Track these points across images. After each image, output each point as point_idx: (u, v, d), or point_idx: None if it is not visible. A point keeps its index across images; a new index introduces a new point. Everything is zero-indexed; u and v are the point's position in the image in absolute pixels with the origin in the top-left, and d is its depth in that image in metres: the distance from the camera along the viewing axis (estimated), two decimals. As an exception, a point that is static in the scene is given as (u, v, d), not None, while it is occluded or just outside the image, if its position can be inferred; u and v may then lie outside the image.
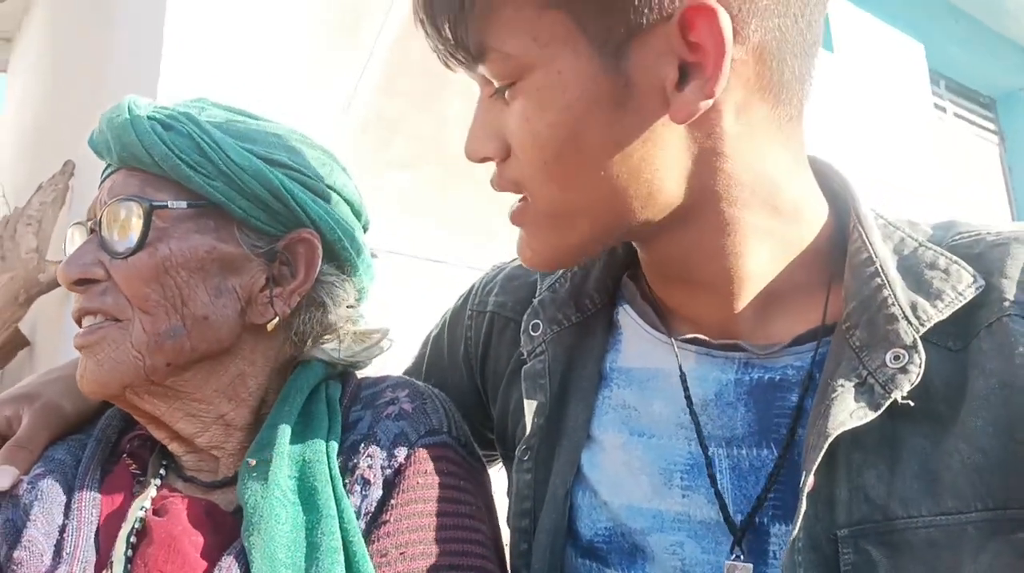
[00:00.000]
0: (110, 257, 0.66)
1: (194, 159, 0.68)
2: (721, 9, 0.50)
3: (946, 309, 0.55)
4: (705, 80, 0.52)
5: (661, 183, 0.56)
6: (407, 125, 2.00)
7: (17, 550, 0.63)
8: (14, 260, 2.19)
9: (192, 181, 0.67)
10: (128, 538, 0.65)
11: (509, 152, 0.58)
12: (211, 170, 0.68)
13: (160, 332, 0.66)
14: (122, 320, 0.66)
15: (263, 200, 0.70)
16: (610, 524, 0.64)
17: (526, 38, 0.53)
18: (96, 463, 0.70)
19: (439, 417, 0.71)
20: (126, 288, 0.66)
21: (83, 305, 0.67)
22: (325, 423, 0.70)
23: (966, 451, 0.52)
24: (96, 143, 0.71)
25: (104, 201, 0.68)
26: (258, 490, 0.64)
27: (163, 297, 0.66)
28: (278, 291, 0.71)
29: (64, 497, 0.67)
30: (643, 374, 0.67)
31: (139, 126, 0.67)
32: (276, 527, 0.62)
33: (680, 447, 0.63)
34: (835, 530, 0.53)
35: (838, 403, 0.54)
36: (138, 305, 0.66)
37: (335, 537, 0.61)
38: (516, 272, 0.80)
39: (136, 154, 0.67)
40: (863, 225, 0.60)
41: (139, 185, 0.68)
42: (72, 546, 0.64)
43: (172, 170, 0.67)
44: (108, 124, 0.69)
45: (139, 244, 0.66)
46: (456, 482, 0.69)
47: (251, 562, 0.60)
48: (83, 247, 0.68)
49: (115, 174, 0.70)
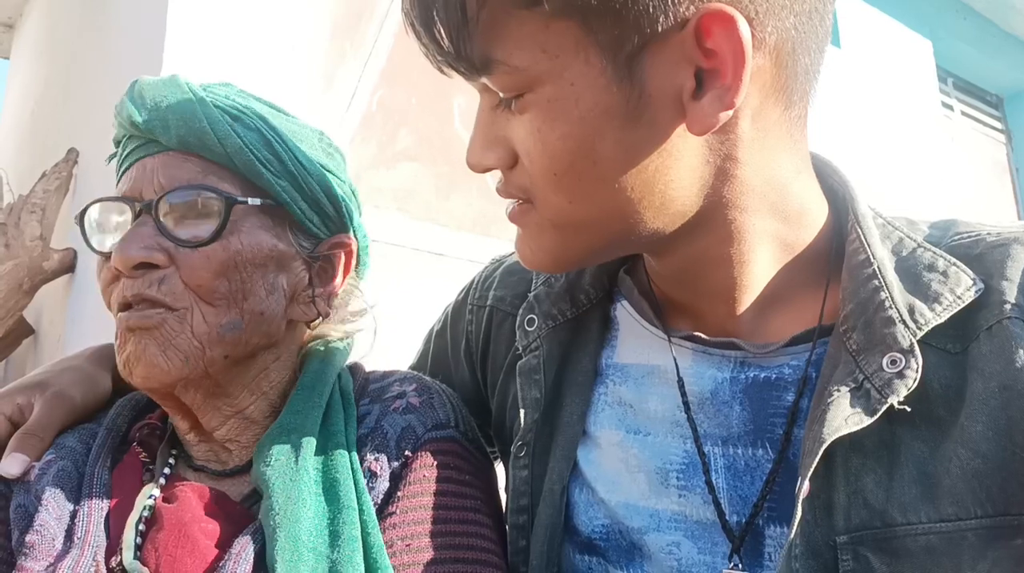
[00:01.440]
0: (175, 245, 0.65)
1: (264, 156, 0.68)
2: (740, 17, 0.48)
3: (944, 313, 0.54)
4: (724, 90, 0.50)
5: (675, 193, 0.55)
6: (410, 119, 1.99)
7: (29, 534, 0.63)
8: (18, 248, 2.19)
9: (262, 178, 0.68)
10: (137, 524, 0.65)
11: (515, 160, 0.57)
12: (279, 168, 0.69)
13: (222, 324, 0.66)
14: (177, 309, 0.65)
15: (319, 203, 0.72)
16: (607, 521, 0.64)
17: (534, 50, 0.51)
18: (107, 451, 0.70)
19: (446, 411, 0.71)
20: (192, 278, 0.65)
21: (140, 291, 0.64)
22: (342, 414, 0.70)
23: (965, 456, 0.51)
24: (148, 122, 0.67)
25: (162, 184, 0.66)
26: (285, 473, 0.64)
27: (228, 290, 0.66)
28: (320, 291, 0.73)
29: (75, 483, 0.68)
30: (639, 370, 0.67)
31: (210, 114, 0.66)
32: (302, 511, 0.62)
33: (676, 446, 0.63)
34: (834, 536, 0.53)
35: (834, 408, 0.53)
36: (203, 296, 0.65)
37: (355, 527, 0.62)
38: (515, 266, 0.79)
39: (205, 142, 0.66)
40: (861, 225, 0.59)
41: (201, 172, 0.66)
42: (83, 531, 0.64)
43: (244, 165, 0.67)
44: (166, 104, 0.67)
45: (214, 236, 0.65)
46: (462, 476, 0.69)
47: (274, 541, 0.60)
48: (139, 230, 0.65)
49: (163, 155, 0.67)
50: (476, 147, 0.58)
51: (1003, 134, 4.45)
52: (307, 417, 0.68)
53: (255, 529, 0.63)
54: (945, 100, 4.00)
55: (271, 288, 0.69)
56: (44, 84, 3.09)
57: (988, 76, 4.29)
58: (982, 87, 4.37)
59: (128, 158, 0.69)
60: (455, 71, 0.55)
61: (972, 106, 4.30)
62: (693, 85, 0.51)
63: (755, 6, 0.50)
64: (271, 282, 0.69)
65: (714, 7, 0.48)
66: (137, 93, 0.69)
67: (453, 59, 0.53)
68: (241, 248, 0.66)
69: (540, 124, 0.53)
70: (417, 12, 0.53)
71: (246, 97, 0.72)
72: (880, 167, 3.16)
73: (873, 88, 3.24)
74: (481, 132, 0.58)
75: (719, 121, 0.51)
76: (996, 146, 4.39)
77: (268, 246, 0.68)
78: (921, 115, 3.58)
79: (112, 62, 2.19)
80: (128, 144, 0.69)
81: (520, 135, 0.55)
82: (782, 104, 0.55)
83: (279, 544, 0.60)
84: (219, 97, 0.69)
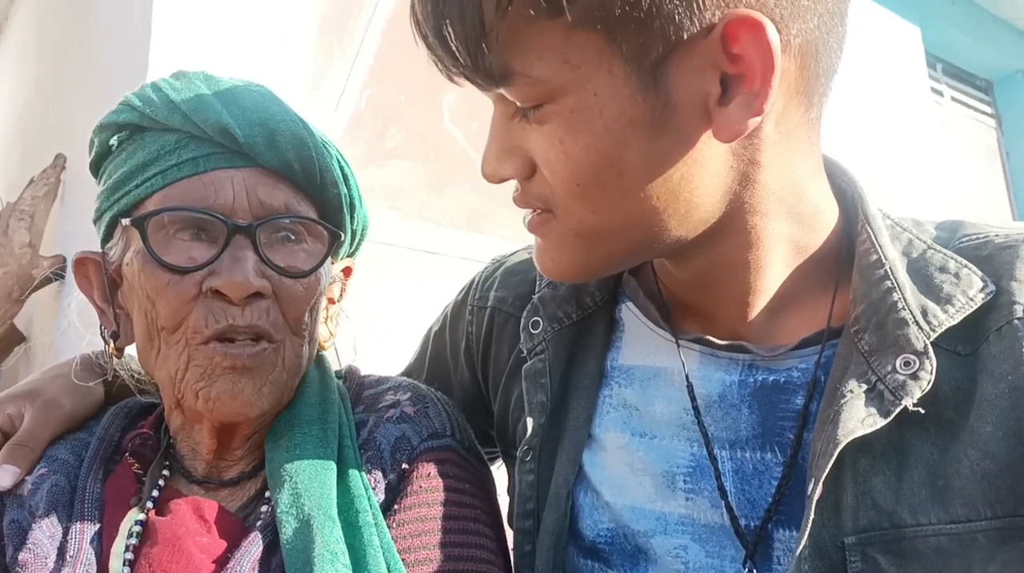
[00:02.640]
0: (278, 274, 0.63)
1: (344, 192, 0.69)
2: (768, 22, 0.47)
3: (957, 314, 0.54)
4: (752, 96, 0.49)
5: (699, 200, 0.54)
6: (400, 117, 1.98)
7: (23, 553, 0.62)
8: (7, 256, 2.17)
9: (341, 214, 0.70)
10: (124, 552, 0.63)
11: (533, 170, 0.56)
12: (348, 205, 0.71)
13: (302, 355, 0.66)
14: (275, 341, 0.63)
15: (356, 235, 0.74)
16: (612, 525, 0.64)
17: (556, 61, 0.49)
18: (99, 462, 0.69)
19: (441, 420, 0.70)
20: (292, 310, 0.63)
21: (253, 322, 0.61)
22: (341, 410, 0.70)
23: (975, 457, 0.51)
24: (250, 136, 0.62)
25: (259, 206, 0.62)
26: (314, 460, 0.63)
27: (312, 320, 0.66)
28: (331, 311, 0.75)
29: (68, 498, 0.67)
30: (645, 373, 0.66)
31: (315, 140, 0.66)
32: (332, 498, 0.62)
33: (682, 449, 0.62)
34: (842, 537, 0.52)
35: (847, 409, 0.53)
36: (295, 328, 0.64)
37: (368, 514, 0.62)
38: (516, 267, 0.79)
39: (308, 169, 0.65)
40: (872, 226, 0.59)
41: (295, 199, 0.65)
42: (75, 549, 0.63)
43: (333, 198, 0.68)
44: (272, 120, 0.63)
45: (315, 268, 0.64)
46: (460, 485, 0.68)
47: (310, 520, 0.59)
48: (245, 254, 0.61)
49: (250, 171, 0.63)
50: (492, 158, 0.57)
51: (993, 119, 4.45)
52: (327, 409, 0.68)
53: (256, 536, 0.62)
54: (935, 86, 4.00)
55: (319, 314, 0.70)
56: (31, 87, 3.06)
57: (977, 61, 4.29)
58: (972, 72, 4.37)
59: (193, 164, 0.63)
60: (470, 82, 0.54)
61: (962, 91, 4.30)
62: (719, 91, 0.50)
63: (780, 9, 0.49)
64: (321, 308, 0.70)
65: (741, 13, 0.47)
66: (222, 95, 0.64)
67: (469, 71, 0.52)
68: (320, 280, 0.67)
69: (562, 135, 0.52)
70: (431, 24, 0.51)
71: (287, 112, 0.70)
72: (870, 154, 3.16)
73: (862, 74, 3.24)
74: (497, 142, 0.57)
75: (748, 127, 0.50)
76: (986, 131, 4.40)
77: (329, 276, 0.70)
78: (911, 101, 3.58)
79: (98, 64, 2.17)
80: (191, 147, 0.63)
81: (539, 145, 0.54)
82: (803, 106, 0.55)
83: (317, 522, 0.59)
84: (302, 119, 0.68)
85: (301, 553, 0.58)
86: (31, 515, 0.65)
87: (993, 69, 4.41)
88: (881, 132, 3.32)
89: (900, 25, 3.62)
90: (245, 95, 0.65)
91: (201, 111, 0.62)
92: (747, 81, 0.49)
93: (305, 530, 0.59)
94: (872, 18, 3.40)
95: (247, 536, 0.63)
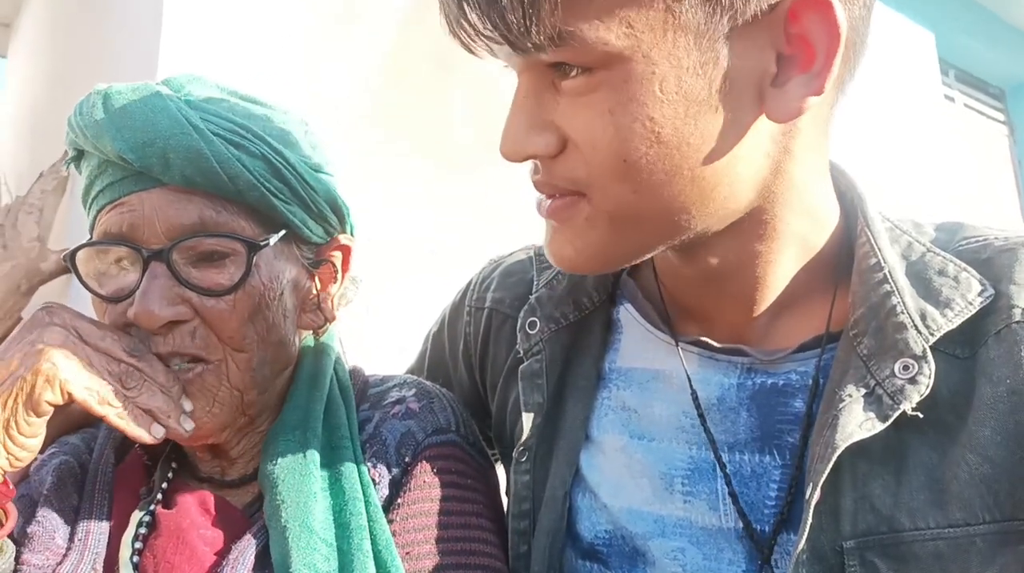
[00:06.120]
0: (199, 296, 0.61)
1: (275, 186, 0.64)
2: (836, 1, 0.47)
3: (956, 318, 0.53)
4: (812, 76, 0.49)
5: (738, 187, 0.53)
6: (407, 115, 1.98)
7: (31, 525, 0.63)
8: (15, 249, 2.18)
9: (275, 210, 0.64)
10: (133, 541, 0.64)
11: (562, 147, 0.52)
12: (289, 195, 0.66)
13: (254, 367, 0.64)
14: (211, 362, 0.62)
15: (325, 216, 0.69)
16: (610, 527, 0.63)
17: (618, 25, 0.47)
18: (110, 450, 0.70)
19: (446, 416, 0.70)
20: (221, 328, 0.62)
21: (176, 348, 0.61)
22: (343, 407, 0.69)
23: (974, 461, 0.51)
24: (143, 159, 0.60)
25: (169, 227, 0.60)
26: (293, 469, 0.63)
27: (255, 333, 0.63)
28: (324, 295, 0.72)
29: (78, 478, 0.68)
30: (643, 375, 0.66)
31: (216, 150, 0.61)
32: (313, 504, 0.61)
33: (681, 451, 0.62)
34: (841, 541, 0.52)
35: (846, 413, 0.52)
36: (233, 345, 0.63)
37: (362, 517, 0.61)
38: (513, 267, 0.78)
39: (215, 181, 0.61)
40: (871, 228, 0.58)
41: (211, 211, 0.61)
42: (84, 532, 0.64)
43: (257, 200, 0.63)
44: (160, 137, 0.60)
45: (238, 285, 0.61)
46: (463, 481, 0.68)
47: (285, 535, 0.59)
48: (158, 282, 0.60)
49: (160, 191, 0.61)
50: (517, 133, 0.53)
51: (1005, 126, 4.43)
52: (309, 412, 0.67)
53: (254, 533, 0.63)
54: (947, 92, 3.98)
55: (284, 312, 0.67)
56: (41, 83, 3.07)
57: (990, 68, 4.27)
58: (984, 79, 4.35)
59: (111, 190, 0.62)
60: (508, 45, 0.49)
61: (974, 98, 4.28)
62: (775, 70, 0.49)
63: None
64: (284, 307, 0.67)
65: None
66: (115, 117, 0.61)
67: (516, 33, 0.48)
68: (264, 289, 0.64)
69: (613, 105, 0.49)
70: None
71: (224, 101, 0.66)
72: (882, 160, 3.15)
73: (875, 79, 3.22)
74: (524, 117, 0.53)
75: (806, 108, 0.49)
76: (999, 138, 4.37)
77: (285, 275, 0.66)
78: (923, 107, 3.56)
79: (108, 60, 2.18)
80: (108, 172, 0.63)
81: (579, 119, 0.50)
82: (835, 98, 0.55)
83: (292, 534, 0.59)
84: (212, 119, 0.63)
85: (281, 565, 0.59)
86: (39, 490, 0.66)
87: (1006, 77, 4.38)
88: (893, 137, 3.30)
89: (914, 31, 3.60)
90: (137, 113, 0.61)
91: (99, 138, 0.61)
92: (803, 62, 0.49)
93: (283, 542, 0.59)
94: (886, 23, 3.38)
95: (249, 530, 0.63)
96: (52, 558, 0.62)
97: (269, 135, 0.65)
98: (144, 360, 0.60)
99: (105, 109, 0.62)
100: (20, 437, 0.56)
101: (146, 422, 0.59)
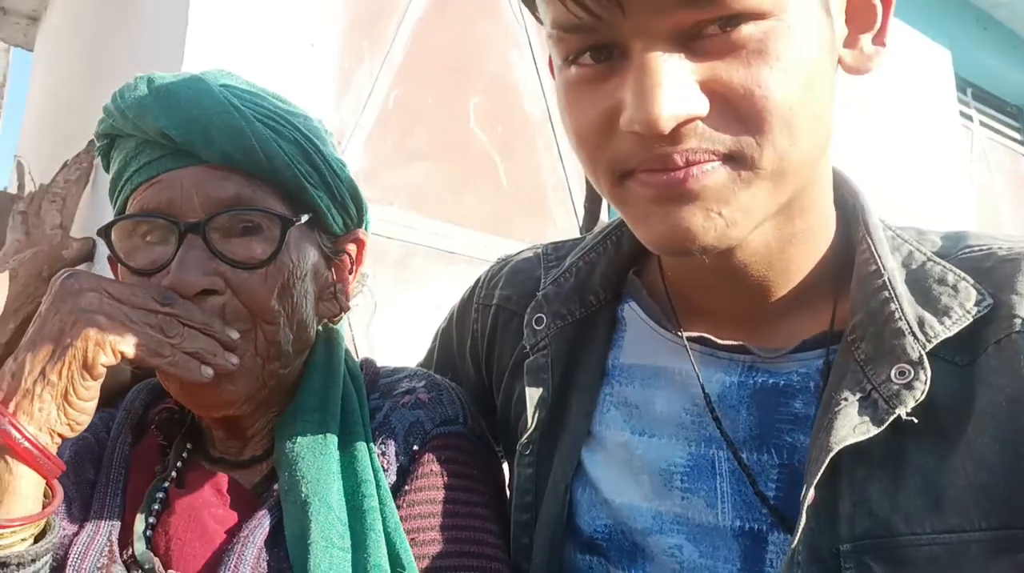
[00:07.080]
0: (231, 267, 0.64)
1: (306, 170, 0.68)
2: None
3: (953, 326, 0.54)
4: (874, 32, 0.54)
5: (827, 145, 0.56)
6: (426, 118, 2.00)
7: None
8: (38, 236, 2.22)
9: (306, 192, 0.68)
10: (147, 516, 0.66)
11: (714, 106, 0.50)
12: (318, 180, 0.70)
13: (279, 341, 0.67)
14: (241, 331, 0.65)
15: (347, 206, 0.73)
16: (610, 521, 0.65)
17: None
18: (127, 430, 0.72)
19: (455, 408, 0.72)
20: (252, 301, 0.64)
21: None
22: (354, 394, 0.71)
23: (971, 468, 0.51)
24: (186, 135, 0.63)
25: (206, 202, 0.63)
26: (313, 448, 0.65)
27: (282, 308, 0.66)
28: (340, 286, 0.74)
29: (94, 454, 0.70)
30: (646, 372, 0.67)
31: (255, 129, 0.65)
32: (332, 483, 0.63)
33: (680, 448, 0.63)
34: (838, 544, 0.53)
35: (841, 417, 0.53)
36: (264, 317, 0.65)
37: (374, 499, 0.63)
38: (521, 265, 0.80)
39: (253, 158, 0.65)
40: (872, 236, 0.59)
41: (248, 189, 0.65)
42: (100, 505, 0.66)
43: (290, 181, 0.67)
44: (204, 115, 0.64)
45: (271, 258, 0.65)
46: (469, 471, 0.70)
47: (306, 506, 0.61)
48: (194, 254, 0.63)
49: (199, 169, 0.65)
50: (670, 95, 0.48)
51: (1022, 145, 4.40)
52: (327, 396, 0.69)
53: (264, 511, 0.64)
54: (964, 110, 3.96)
55: (307, 295, 0.69)
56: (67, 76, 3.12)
57: (1008, 87, 4.24)
58: (1002, 98, 4.32)
59: (149, 168, 0.66)
60: None
61: (992, 117, 4.25)
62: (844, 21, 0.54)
63: None
64: (307, 290, 0.69)
65: None
66: (160, 97, 0.65)
67: None
68: (293, 266, 0.67)
69: (783, 52, 0.49)
70: None
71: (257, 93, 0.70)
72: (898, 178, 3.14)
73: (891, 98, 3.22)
74: (672, 79, 0.49)
75: (874, 65, 0.54)
76: (1015, 157, 4.34)
77: (312, 259, 0.70)
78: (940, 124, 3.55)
79: (134, 55, 2.22)
80: (146, 151, 0.66)
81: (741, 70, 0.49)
82: None
83: (312, 509, 0.61)
84: (251, 105, 0.67)
85: (299, 538, 0.60)
86: None
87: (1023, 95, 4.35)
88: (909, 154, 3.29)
89: (931, 48, 3.59)
90: (181, 93, 0.65)
91: (142, 117, 0.65)
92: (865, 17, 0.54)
93: (302, 516, 0.61)
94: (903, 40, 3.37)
95: (259, 510, 0.65)
96: (68, 528, 0.64)
97: (302, 127, 0.70)
98: (178, 306, 0.62)
99: (150, 89, 0.66)
100: (79, 401, 0.58)
101: (195, 365, 0.62)
